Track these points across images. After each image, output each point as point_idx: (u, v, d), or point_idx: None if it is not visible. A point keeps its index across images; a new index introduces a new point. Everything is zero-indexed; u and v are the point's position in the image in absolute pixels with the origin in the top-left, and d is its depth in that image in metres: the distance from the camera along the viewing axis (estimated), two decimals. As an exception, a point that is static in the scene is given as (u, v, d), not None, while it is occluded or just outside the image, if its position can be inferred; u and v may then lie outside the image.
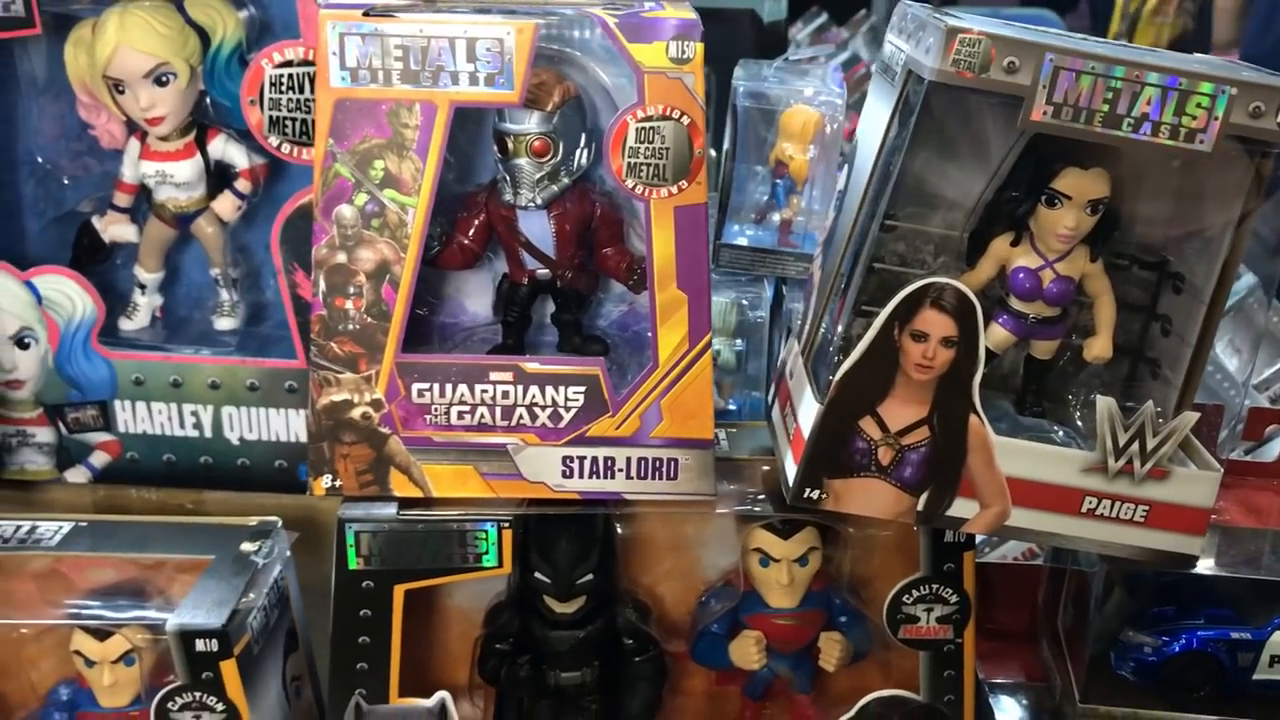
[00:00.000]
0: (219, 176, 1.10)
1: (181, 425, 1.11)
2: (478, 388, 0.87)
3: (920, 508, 0.86)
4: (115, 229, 1.08)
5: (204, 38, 1.07)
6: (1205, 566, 0.94)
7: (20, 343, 1.08)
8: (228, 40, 1.06)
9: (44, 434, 1.10)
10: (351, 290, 0.84)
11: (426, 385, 0.86)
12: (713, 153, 1.27)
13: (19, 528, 0.99)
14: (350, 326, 0.85)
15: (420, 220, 0.83)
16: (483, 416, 0.88)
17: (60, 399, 1.07)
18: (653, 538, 0.99)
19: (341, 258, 0.83)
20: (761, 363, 1.21)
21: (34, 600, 0.96)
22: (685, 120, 0.82)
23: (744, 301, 1.20)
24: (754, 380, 1.23)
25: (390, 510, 0.89)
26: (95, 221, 1.08)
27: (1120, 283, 0.93)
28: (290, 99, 0.99)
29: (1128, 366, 0.96)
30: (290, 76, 0.98)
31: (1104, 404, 0.83)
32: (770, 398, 1.01)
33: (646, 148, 0.82)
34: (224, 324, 1.14)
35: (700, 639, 0.99)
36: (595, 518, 0.95)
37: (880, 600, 0.96)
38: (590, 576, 0.95)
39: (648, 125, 0.82)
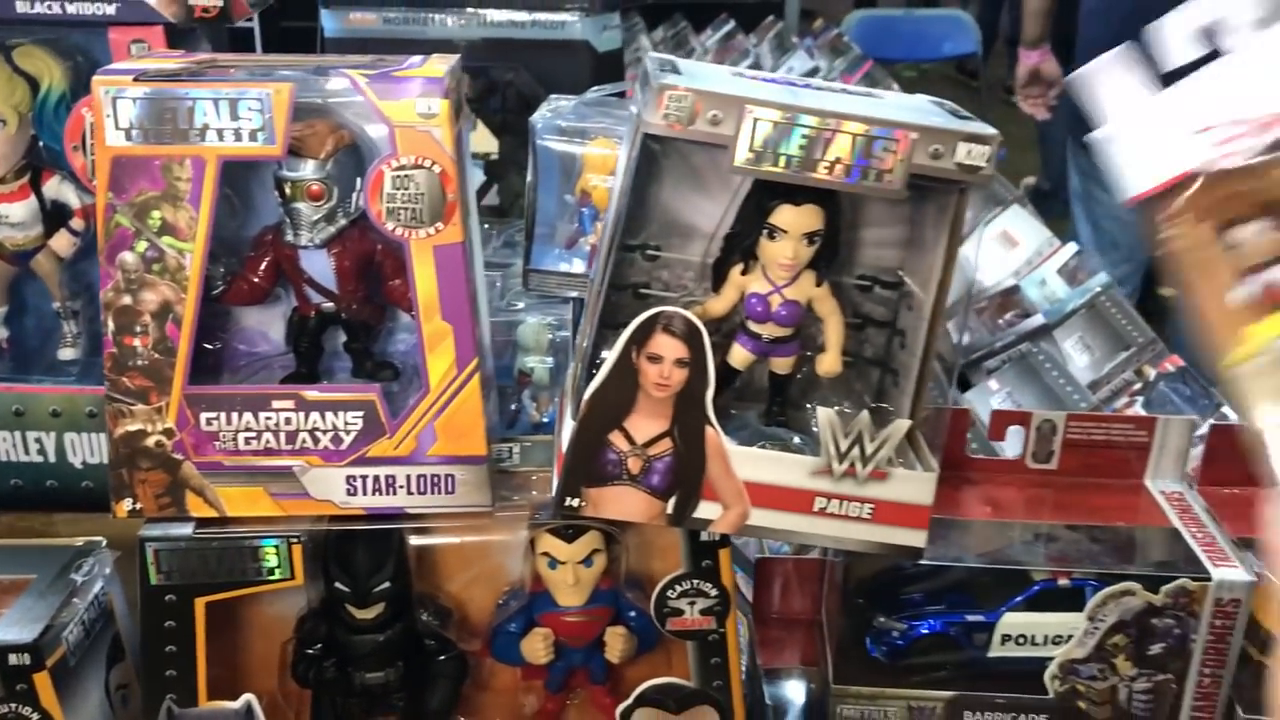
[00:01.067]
0: (55, 215, 1.18)
1: (26, 451, 1.18)
2: (262, 415, 0.95)
3: (669, 511, 0.95)
4: (-46, 267, 1.15)
5: (33, 85, 1.14)
6: (948, 557, 1.05)
7: None
8: (54, 88, 1.13)
9: (-108, 461, 1.16)
10: (138, 329, 0.91)
11: (214, 414, 0.94)
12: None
13: None
14: (139, 362, 0.92)
15: (197, 263, 0.90)
16: (268, 441, 0.95)
17: (-94, 430, 1.14)
18: (453, 546, 1.07)
19: (127, 300, 0.91)
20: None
21: None
22: (436, 169, 0.90)
23: (553, 322, 1.29)
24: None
25: (187, 529, 0.97)
26: (-67, 260, 1.15)
27: (865, 301, 1.03)
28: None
29: (878, 377, 1.06)
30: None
31: (824, 414, 0.92)
32: (555, 414, 1.10)
33: (402, 194, 0.90)
34: (67, 354, 1.22)
35: (496, 637, 1.08)
36: (390, 531, 1.03)
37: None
38: (387, 585, 1.03)
39: (402, 174, 0.90)
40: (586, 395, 0.92)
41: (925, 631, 1.05)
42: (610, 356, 0.91)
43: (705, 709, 1.04)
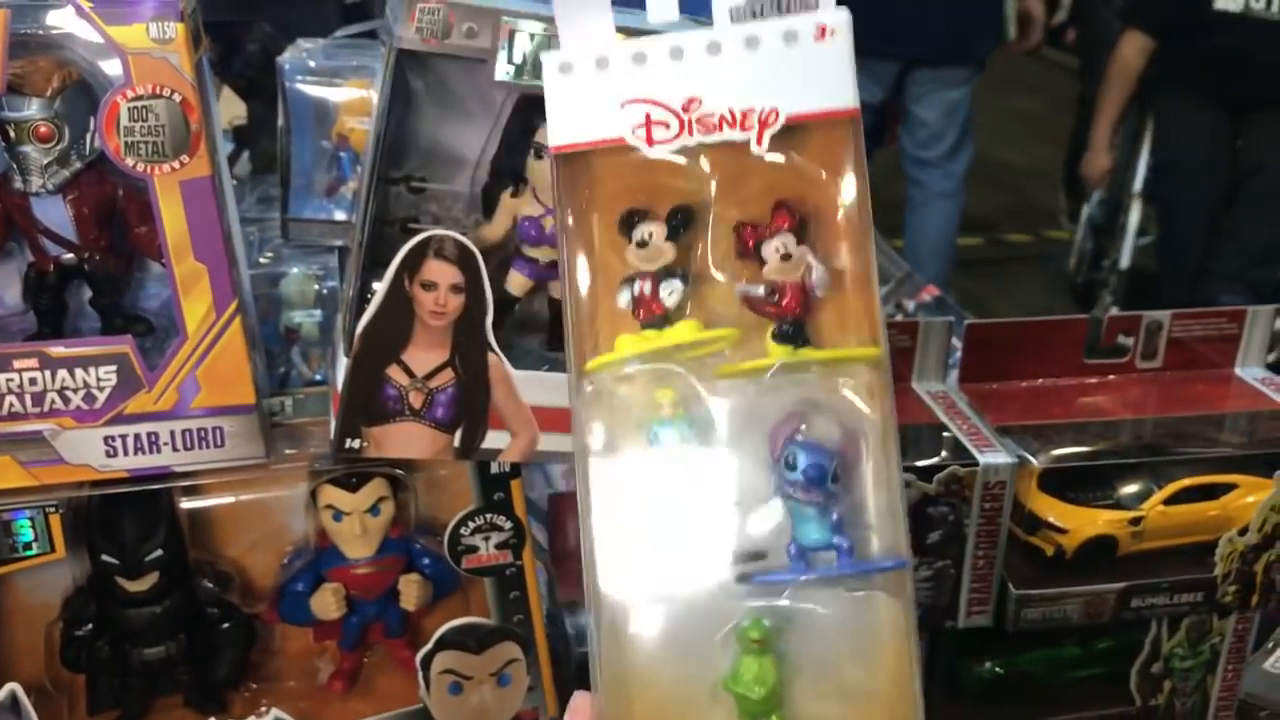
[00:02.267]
0: None
1: None
2: (3, 376, 0.87)
3: (456, 444, 0.93)
4: None
5: None
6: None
7: None
8: None
9: None
10: None
11: (-53, 380, 0.86)
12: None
13: None
14: None
15: (-86, 213, 0.82)
16: (12, 405, 0.88)
17: None
18: (228, 508, 1.02)
19: None
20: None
21: None
22: (177, 98, 0.84)
23: (319, 273, 1.24)
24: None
25: (-76, 510, 0.88)
26: None
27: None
28: None
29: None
30: None
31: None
32: (329, 360, 1.06)
33: (141, 126, 0.84)
34: None
35: (283, 598, 1.03)
36: (158, 495, 0.97)
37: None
38: (159, 552, 0.97)
39: (139, 104, 0.84)
40: (359, 329, 0.89)
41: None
42: (381, 287, 0.88)
43: (508, 645, 1.03)
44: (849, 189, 0.63)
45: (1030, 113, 6.48)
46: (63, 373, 0.88)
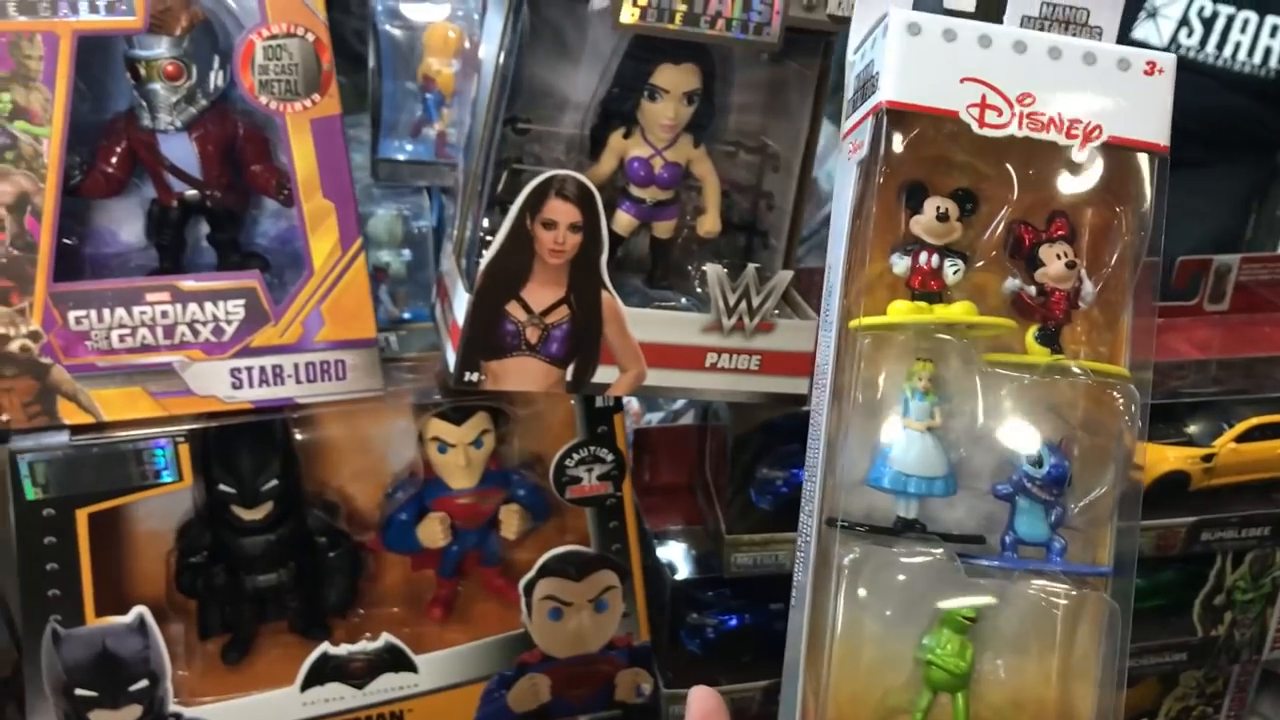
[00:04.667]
0: None
1: None
2: (136, 310, 0.90)
3: (569, 378, 0.96)
4: None
5: None
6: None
7: None
8: None
9: None
10: (-9, 224, 0.85)
11: (83, 312, 0.88)
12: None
13: None
14: (-4, 260, 0.86)
15: (55, 149, 0.84)
16: (144, 338, 0.90)
17: None
18: (336, 440, 1.05)
19: (-22, 192, 0.84)
20: (429, 271, 1.28)
21: None
22: (310, 37, 0.87)
23: (407, 213, 1.26)
24: (424, 289, 1.29)
25: (63, 438, 0.91)
26: None
27: (731, 167, 1.05)
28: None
29: (744, 240, 1.09)
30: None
31: (713, 271, 0.95)
32: (433, 298, 1.08)
33: (275, 64, 0.87)
34: None
35: (389, 527, 1.07)
36: (273, 425, 1.00)
37: (549, 469, 1.06)
38: (275, 482, 1.00)
39: (274, 43, 0.86)
40: (482, 266, 0.91)
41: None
42: (504, 225, 0.91)
43: (605, 572, 1.07)
44: (1134, 218, 0.67)
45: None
46: (193, 306, 0.91)
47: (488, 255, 0.91)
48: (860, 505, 0.69)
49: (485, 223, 0.95)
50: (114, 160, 0.92)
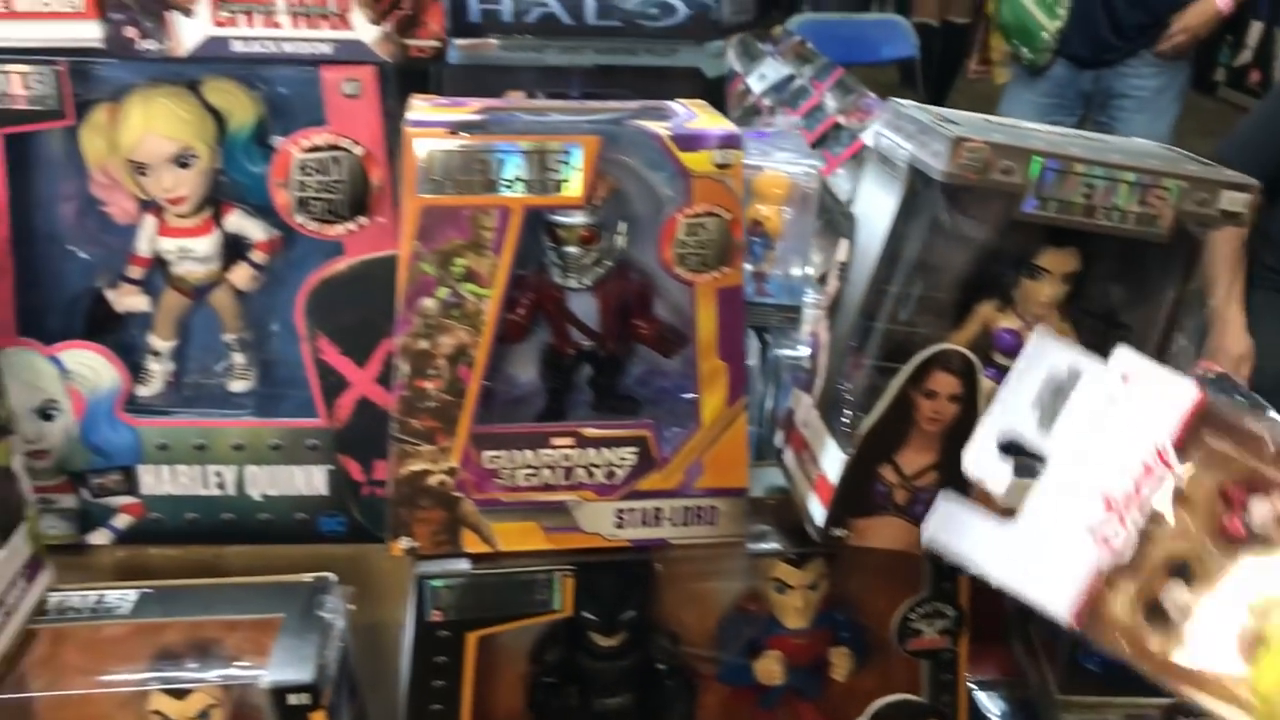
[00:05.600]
0: (233, 248, 1.18)
1: (205, 485, 1.18)
2: (542, 452, 0.97)
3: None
4: (128, 300, 1.14)
5: (219, 119, 1.14)
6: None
7: (44, 415, 1.14)
8: (244, 122, 1.13)
9: (66, 500, 1.15)
10: (430, 372, 0.93)
11: (497, 453, 0.96)
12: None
13: (86, 597, 1.05)
14: (429, 404, 0.94)
15: (494, 307, 0.93)
16: (546, 478, 0.98)
17: (84, 466, 1.13)
18: (684, 574, 1.11)
19: (424, 344, 0.93)
20: (753, 403, 1.34)
21: (112, 665, 1.02)
22: (728, 216, 0.94)
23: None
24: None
25: (464, 565, 0.99)
26: (108, 293, 1.13)
27: (1082, 333, 1.09)
28: (317, 181, 1.07)
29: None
30: (318, 161, 1.06)
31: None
32: (781, 442, 1.14)
33: (694, 240, 0.94)
34: (238, 386, 1.21)
35: (726, 661, 1.12)
36: (641, 561, 1.06)
37: (878, 615, 1.10)
38: (633, 613, 1.06)
39: (695, 221, 0.93)
40: (862, 430, 0.96)
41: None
42: (887, 392, 0.96)
43: (934, 722, 1.10)
44: None
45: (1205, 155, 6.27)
46: (591, 451, 0.98)
47: (869, 419, 0.96)
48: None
49: (857, 384, 1.00)
50: (524, 310, 1.00)
